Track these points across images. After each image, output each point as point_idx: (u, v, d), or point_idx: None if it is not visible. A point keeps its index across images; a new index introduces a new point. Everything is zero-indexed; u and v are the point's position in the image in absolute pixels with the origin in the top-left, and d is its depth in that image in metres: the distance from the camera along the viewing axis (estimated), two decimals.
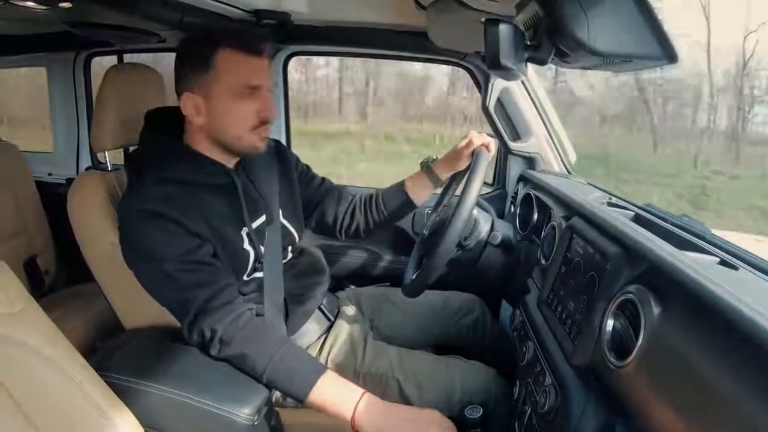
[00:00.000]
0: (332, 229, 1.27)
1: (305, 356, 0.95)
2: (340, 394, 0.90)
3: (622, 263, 0.78)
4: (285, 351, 0.91)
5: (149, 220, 0.90)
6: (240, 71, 0.92)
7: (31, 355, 0.69)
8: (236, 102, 0.93)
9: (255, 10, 1.38)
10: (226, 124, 0.95)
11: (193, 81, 0.93)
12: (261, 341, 0.92)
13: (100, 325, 1.48)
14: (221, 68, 0.91)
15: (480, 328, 1.34)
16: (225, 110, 0.94)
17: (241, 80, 0.92)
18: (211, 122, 0.95)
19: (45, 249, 1.76)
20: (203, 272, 0.92)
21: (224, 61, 0.91)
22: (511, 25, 0.73)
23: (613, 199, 1.18)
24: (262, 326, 0.95)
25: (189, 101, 0.94)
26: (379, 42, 1.60)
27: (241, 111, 0.94)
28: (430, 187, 1.23)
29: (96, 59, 2.07)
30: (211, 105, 0.93)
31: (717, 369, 0.54)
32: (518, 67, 0.76)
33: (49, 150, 2.16)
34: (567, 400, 0.76)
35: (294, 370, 0.91)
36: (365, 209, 1.25)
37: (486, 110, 1.56)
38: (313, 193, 1.24)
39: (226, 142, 0.97)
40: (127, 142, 1.15)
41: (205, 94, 0.93)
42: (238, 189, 1.00)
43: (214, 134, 0.97)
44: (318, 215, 1.25)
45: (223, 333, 0.90)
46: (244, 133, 0.96)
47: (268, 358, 0.90)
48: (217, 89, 0.92)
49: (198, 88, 0.93)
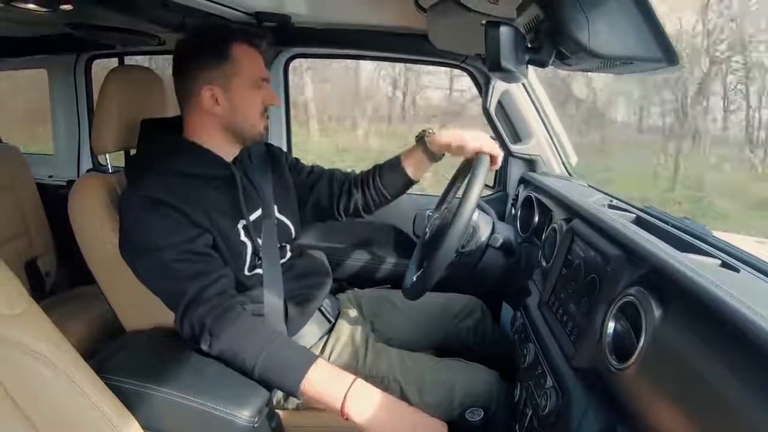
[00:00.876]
0: (330, 211, 1.26)
1: (296, 348, 0.95)
2: (332, 382, 0.89)
3: (623, 265, 0.78)
4: (276, 344, 0.91)
5: (150, 208, 0.92)
6: (254, 64, 1.02)
7: (31, 357, 0.69)
8: (252, 91, 1.02)
9: (256, 12, 1.38)
10: (245, 112, 1.02)
11: (212, 74, 0.98)
12: (251, 335, 0.91)
13: (101, 327, 1.48)
14: (239, 61, 0.99)
15: (481, 330, 1.34)
16: (244, 99, 1.01)
17: (256, 72, 1.02)
18: (231, 111, 1.01)
19: (46, 251, 1.76)
20: (199, 263, 0.93)
21: (241, 55, 1.00)
22: (511, 27, 0.73)
23: (614, 201, 1.18)
24: (253, 320, 0.95)
25: (208, 93, 0.99)
26: (379, 44, 1.60)
27: (255, 100, 1.02)
28: (427, 163, 1.19)
29: (96, 61, 2.08)
30: (230, 95, 1.00)
31: (718, 371, 0.54)
32: (519, 70, 0.77)
33: (45, 151, 2.16)
34: (568, 403, 0.76)
35: (285, 362, 0.90)
36: (362, 186, 1.24)
37: (487, 112, 1.56)
38: (304, 181, 1.25)
39: (240, 130, 1.03)
40: (127, 144, 1.15)
41: (224, 86, 0.99)
42: (237, 181, 1.02)
43: (231, 123, 1.02)
44: (314, 200, 1.25)
45: (212, 325, 0.90)
46: (257, 120, 1.04)
47: (259, 351, 0.89)
48: (237, 80, 0.99)
49: (216, 80, 0.98)
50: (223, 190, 1.01)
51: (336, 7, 1.37)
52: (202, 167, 1.00)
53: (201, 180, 0.99)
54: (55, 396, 0.71)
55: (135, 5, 1.13)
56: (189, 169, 0.99)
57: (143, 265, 0.95)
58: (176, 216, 0.92)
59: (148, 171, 0.97)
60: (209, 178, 1.00)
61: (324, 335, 1.16)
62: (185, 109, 1.03)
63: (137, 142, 1.07)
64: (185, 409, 0.86)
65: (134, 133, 1.10)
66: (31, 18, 1.38)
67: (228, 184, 1.02)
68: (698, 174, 6.35)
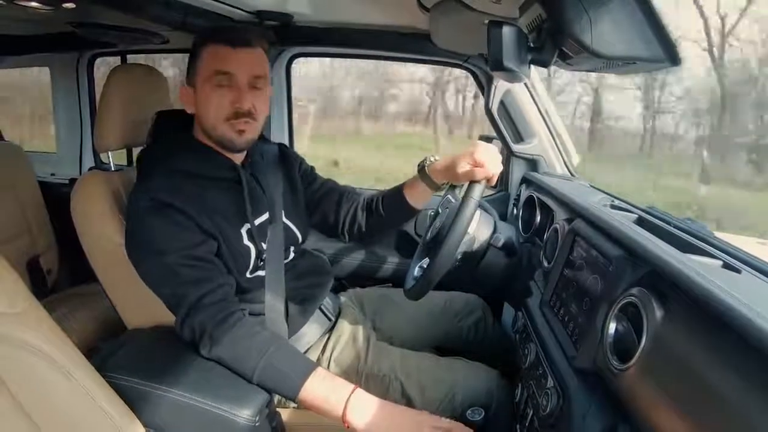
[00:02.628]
0: (335, 230, 1.26)
1: (295, 355, 0.95)
2: (331, 391, 0.90)
3: (624, 266, 0.77)
4: (275, 350, 0.91)
5: (157, 211, 0.92)
6: (213, 59, 0.96)
7: (33, 355, 0.69)
8: (213, 90, 0.96)
9: (257, 11, 1.38)
10: (204, 113, 0.99)
11: (189, 73, 1.00)
12: (250, 341, 0.91)
13: (103, 325, 1.49)
14: (202, 59, 0.98)
15: (481, 328, 1.34)
16: (203, 98, 0.98)
17: (212, 66, 0.96)
18: (197, 112, 1.00)
19: (48, 249, 1.77)
20: (202, 269, 0.93)
21: (205, 52, 0.97)
22: (514, 27, 0.73)
23: (616, 201, 1.17)
24: (252, 326, 0.94)
25: (184, 92, 1.01)
26: (382, 43, 1.60)
27: (215, 99, 0.96)
28: (428, 192, 1.15)
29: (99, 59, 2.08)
30: (196, 94, 0.99)
31: (719, 372, 0.54)
32: (521, 70, 0.76)
33: (45, 149, 2.16)
34: (569, 403, 0.76)
35: (284, 369, 0.91)
36: (367, 210, 1.23)
37: (489, 112, 1.56)
38: (313, 194, 1.24)
39: (209, 133, 1.00)
40: (130, 142, 1.15)
41: (192, 84, 0.99)
42: (243, 183, 1.02)
43: (200, 124, 1.01)
44: (319, 216, 1.24)
45: (212, 331, 0.90)
46: (218, 123, 0.98)
47: (258, 358, 0.89)
48: (199, 78, 0.98)
49: (189, 79, 1.00)
50: (228, 192, 1.01)
51: (338, 6, 1.37)
52: (209, 168, 1.00)
53: (208, 181, 0.99)
54: (56, 394, 0.71)
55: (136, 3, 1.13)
56: (196, 168, 0.99)
57: (146, 267, 0.95)
58: (182, 220, 0.92)
59: (158, 169, 0.97)
60: (216, 180, 1.00)
61: (325, 334, 1.16)
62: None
63: (149, 134, 1.07)
64: (186, 408, 0.86)
65: (137, 132, 1.10)
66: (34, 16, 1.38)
67: (234, 186, 1.02)
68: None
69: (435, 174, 1.11)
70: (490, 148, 1.01)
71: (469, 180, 1.01)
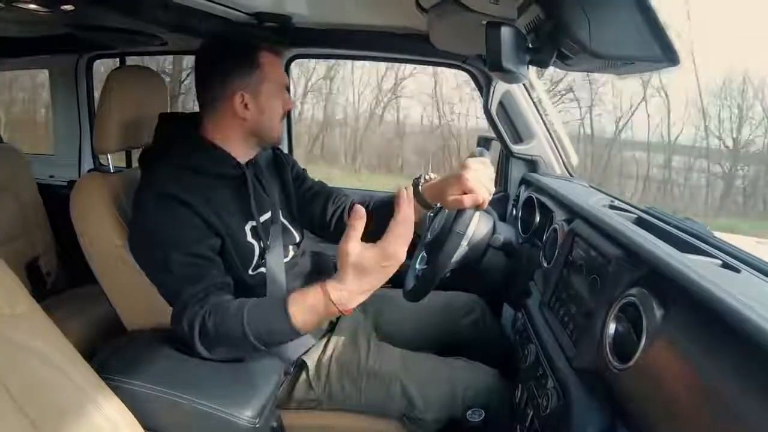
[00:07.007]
0: (324, 232, 1.26)
1: (264, 302, 0.92)
2: (314, 305, 0.85)
3: (623, 266, 0.78)
4: (248, 309, 0.88)
5: (163, 205, 0.93)
6: (278, 72, 1.07)
7: (32, 357, 0.69)
8: (277, 97, 1.07)
9: (256, 13, 1.38)
10: (270, 117, 1.06)
11: (242, 80, 1.02)
12: (227, 314, 0.88)
13: (102, 327, 1.48)
14: (267, 68, 1.04)
15: (481, 327, 1.34)
16: (270, 105, 1.05)
17: (280, 80, 1.07)
18: (258, 116, 1.04)
19: (47, 251, 1.77)
20: (201, 267, 0.93)
21: (268, 62, 1.05)
22: (512, 28, 0.73)
23: (615, 201, 1.18)
24: (223, 302, 0.91)
25: (239, 99, 1.02)
26: (380, 45, 1.60)
27: (279, 105, 1.08)
28: (419, 211, 1.07)
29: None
30: (259, 101, 1.03)
31: (719, 371, 0.54)
32: (520, 70, 0.76)
33: (43, 151, 2.16)
34: (569, 403, 0.76)
35: (266, 318, 0.88)
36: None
37: (488, 113, 1.56)
38: (303, 195, 1.25)
39: (263, 134, 1.07)
40: (129, 144, 1.15)
41: (254, 92, 1.03)
42: (248, 181, 1.04)
43: (257, 127, 1.05)
44: (308, 216, 1.25)
45: (200, 326, 0.88)
46: (276, 124, 1.08)
47: (240, 324, 0.86)
48: (265, 87, 1.04)
49: (247, 87, 1.02)
50: (233, 190, 1.03)
51: (337, 8, 1.37)
52: (215, 165, 1.01)
53: (212, 177, 1.00)
54: (55, 395, 0.71)
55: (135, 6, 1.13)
56: (201, 165, 1.00)
57: (147, 257, 0.96)
58: (187, 214, 0.93)
59: (162, 164, 0.98)
60: (221, 177, 1.02)
61: (326, 333, 1.16)
62: (210, 111, 1.04)
63: (155, 132, 1.08)
64: (186, 409, 0.86)
65: (136, 133, 1.10)
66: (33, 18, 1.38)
67: (239, 184, 1.04)
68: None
69: (427, 194, 1.07)
70: (480, 170, 0.97)
71: (457, 208, 0.97)
